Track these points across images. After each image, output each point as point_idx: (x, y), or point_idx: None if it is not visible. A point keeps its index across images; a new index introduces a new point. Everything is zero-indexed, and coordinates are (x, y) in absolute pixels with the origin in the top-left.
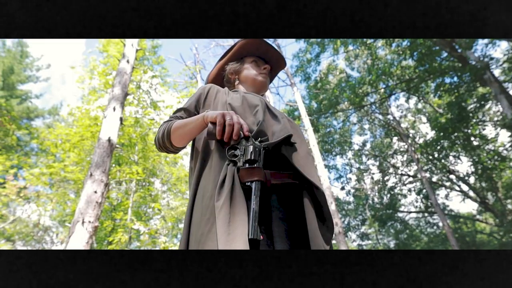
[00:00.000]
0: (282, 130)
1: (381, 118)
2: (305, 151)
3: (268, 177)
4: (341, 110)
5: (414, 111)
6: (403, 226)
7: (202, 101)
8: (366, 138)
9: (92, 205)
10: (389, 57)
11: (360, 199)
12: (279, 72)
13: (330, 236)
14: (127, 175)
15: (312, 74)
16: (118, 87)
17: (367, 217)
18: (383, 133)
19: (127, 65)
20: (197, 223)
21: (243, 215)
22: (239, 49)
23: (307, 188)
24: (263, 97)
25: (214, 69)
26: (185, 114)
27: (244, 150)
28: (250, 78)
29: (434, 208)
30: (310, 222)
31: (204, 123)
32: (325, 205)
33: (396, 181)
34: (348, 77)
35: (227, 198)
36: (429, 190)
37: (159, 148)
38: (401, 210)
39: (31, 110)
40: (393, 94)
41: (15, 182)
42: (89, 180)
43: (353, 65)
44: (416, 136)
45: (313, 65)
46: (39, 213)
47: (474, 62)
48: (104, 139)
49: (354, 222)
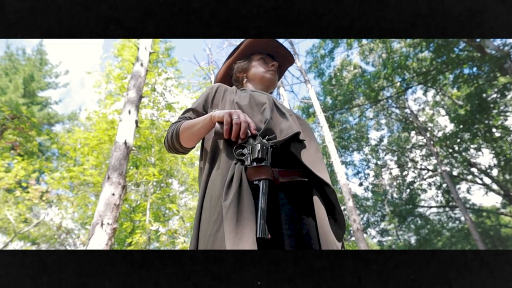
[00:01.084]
0: (290, 128)
1: (398, 112)
2: (314, 148)
3: (276, 175)
4: (356, 106)
5: (432, 104)
6: (424, 222)
7: (210, 100)
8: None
9: (110, 207)
10: (404, 50)
11: (379, 195)
12: (288, 68)
13: (342, 233)
14: (144, 177)
15: (326, 70)
16: (132, 90)
17: (386, 213)
18: (400, 127)
19: (141, 68)
20: (205, 224)
21: (251, 214)
22: (246, 47)
23: (317, 186)
24: (272, 94)
25: (222, 69)
26: (193, 114)
27: (252, 148)
28: (258, 76)
29: (455, 202)
30: (321, 220)
31: (211, 123)
32: (336, 202)
33: (415, 175)
34: (363, 71)
35: (235, 198)
36: (450, 184)
37: (168, 149)
38: (421, 205)
39: (51, 116)
40: (410, 88)
41: (38, 186)
42: (106, 183)
43: (367, 59)
44: (435, 130)
45: (327, 61)
46: (62, 216)
47: (493, 52)
48: (121, 142)
49: (373, 218)
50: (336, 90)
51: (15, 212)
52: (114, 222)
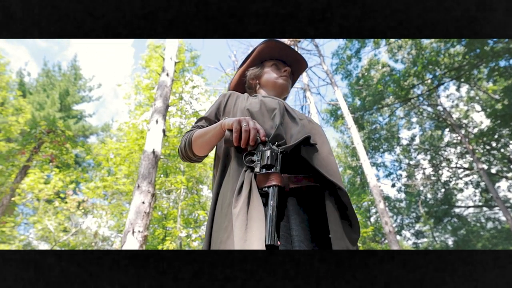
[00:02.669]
0: (300, 132)
1: (430, 110)
2: (326, 151)
3: (286, 181)
4: (386, 105)
5: (466, 99)
6: (461, 222)
7: (222, 108)
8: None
9: (140, 215)
10: (435, 45)
11: (412, 195)
12: (301, 73)
13: (357, 237)
14: (172, 185)
15: (353, 71)
16: (159, 100)
17: (421, 214)
18: (433, 125)
19: (166, 78)
20: (216, 231)
21: (260, 221)
22: (258, 53)
23: (329, 190)
24: (285, 99)
25: (235, 76)
26: (206, 123)
27: (261, 155)
28: (271, 82)
29: (494, 202)
30: (333, 224)
31: (222, 131)
32: (349, 205)
33: (450, 175)
34: (392, 70)
35: (244, 205)
36: (488, 182)
37: (182, 158)
38: (458, 205)
39: (86, 128)
40: (442, 84)
41: (75, 196)
42: (136, 192)
43: (396, 57)
44: (470, 126)
45: (353, 61)
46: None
47: None
48: (149, 151)
49: (408, 220)
50: (364, 91)
51: (55, 222)
52: (145, 230)
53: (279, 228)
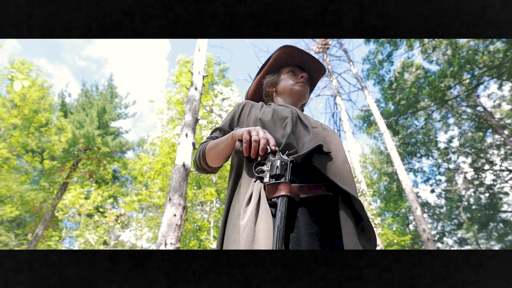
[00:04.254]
0: (311, 141)
1: (469, 111)
2: (341, 159)
3: (296, 191)
4: (421, 109)
5: (509, 98)
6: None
7: (236, 119)
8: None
9: (172, 228)
10: (472, 43)
11: (453, 201)
12: (320, 78)
13: (372, 246)
14: (203, 197)
15: (386, 76)
16: (188, 114)
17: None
18: (473, 127)
19: (195, 92)
20: (226, 244)
21: (268, 233)
22: (274, 61)
23: (343, 199)
24: (304, 105)
25: (252, 85)
26: (220, 133)
27: (271, 165)
28: (288, 89)
29: None
30: (347, 234)
31: (233, 142)
32: (363, 214)
33: (494, 178)
34: (426, 72)
35: (252, 216)
36: None
37: (197, 169)
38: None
39: (123, 144)
40: (481, 84)
41: (113, 210)
42: (168, 204)
43: (431, 58)
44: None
45: (385, 65)
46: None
47: None
48: (179, 164)
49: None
50: (398, 95)
51: (95, 235)
52: (177, 242)
53: (288, 239)
